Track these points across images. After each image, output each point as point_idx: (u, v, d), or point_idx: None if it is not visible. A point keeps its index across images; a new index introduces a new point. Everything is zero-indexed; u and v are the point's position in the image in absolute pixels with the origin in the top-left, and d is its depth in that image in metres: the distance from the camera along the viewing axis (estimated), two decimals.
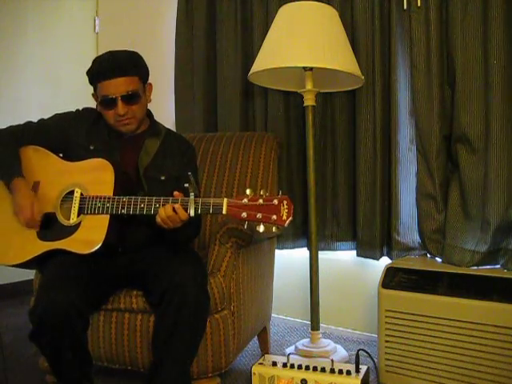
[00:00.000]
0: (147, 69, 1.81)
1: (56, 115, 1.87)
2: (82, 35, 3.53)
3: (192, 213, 1.57)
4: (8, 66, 3.21)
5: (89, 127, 1.82)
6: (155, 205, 1.60)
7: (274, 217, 1.50)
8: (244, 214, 1.52)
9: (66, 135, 1.81)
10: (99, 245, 1.62)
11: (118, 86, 1.69)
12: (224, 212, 1.54)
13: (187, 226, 1.63)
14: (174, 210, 1.57)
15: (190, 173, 1.57)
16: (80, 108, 1.89)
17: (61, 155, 1.81)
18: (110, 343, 1.78)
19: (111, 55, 1.74)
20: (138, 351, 1.76)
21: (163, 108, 2.96)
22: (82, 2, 3.55)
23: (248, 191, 1.54)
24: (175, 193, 1.60)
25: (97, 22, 3.54)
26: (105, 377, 1.94)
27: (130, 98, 1.72)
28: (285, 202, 1.51)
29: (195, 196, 1.57)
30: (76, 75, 3.45)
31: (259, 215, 1.51)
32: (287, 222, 1.51)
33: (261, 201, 1.52)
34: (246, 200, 1.53)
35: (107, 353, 1.79)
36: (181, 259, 1.69)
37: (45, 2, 3.40)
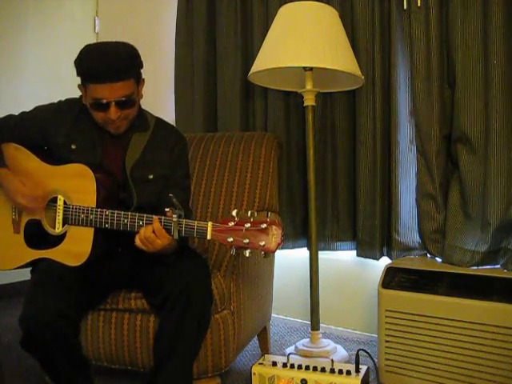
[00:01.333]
0: (142, 65, 1.66)
1: (37, 109, 1.77)
2: (81, 35, 3.52)
3: (176, 236, 1.49)
4: (8, 65, 3.21)
5: (71, 124, 1.70)
6: (138, 222, 1.54)
7: (262, 243, 1.41)
8: (230, 239, 1.43)
9: (45, 133, 1.71)
10: (86, 258, 1.59)
11: (113, 90, 1.55)
12: (208, 237, 1.45)
13: (169, 248, 1.55)
14: (153, 232, 1.50)
15: (171, 194, 1.48)
16: (63, 99, 1.79)
17: (46, 148, 1.74)
18: (110, 343, 1.78)
19: (106, 53, 1.58)
20: (137, 351, 1.76)
21: (163, 108, 2.96)
22: (82, 2, 3.54)
23: (234, 212, 1.44)
24: (155, 220, 1.52)
25: (97, 22, 3.54)
26: (105, 377, 1.94)
27: (125, 103, 1.59)
28: (273, 227, 1.41)
29: (179, 217, 1.49)
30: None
31: (246, 240, 1.41)
32: (276, 248, 1.41)
33: (248, 225, 1.42)
34: (232, 223, 1.43)
35: (107, 353, 1.79)
36: (184, 262, 1.66)
37: (45, 2, 3.40)
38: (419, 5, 2.12)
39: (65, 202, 1.63)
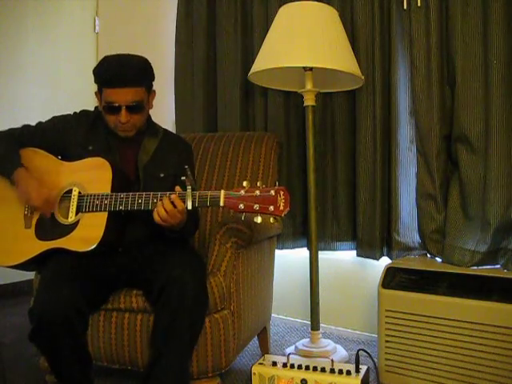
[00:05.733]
0: (154, 77, 1.81)
1: (54, 118, 1.87)
2: (82, 35, 3.53)
3: (189, 205, 1.57)
4: (8, 65, 3.21)
5: (87, 129, 1.82)
6: (153, 200, 1.61)
7: (271, 207, 1.51)
8: (241, 206, 1.52)
9: (64, 136, 1.81)
10: (97, 242, 1.62)
11: (124, 95, 1.69)
12: (221, 204, 1.55)
13: (186, 221, 1.63)
14: (172, 203, 1.57)
15: (186, 166, 1.57)
16: (77, 110, 1.89)
17: (59, 157, 1.81)
18: (110, 343, 1.78)
19: (122, 62, 1.72)
20: (137, 351, 1.76)
21: (163, 108, 2.96)
22: (82, 2, 3.55)
23: (245, 183, 1.55)
24: (176, 187, 1.60)
25: (97, 22, 3.54)
26: (105, 377, 1.94)
27: (134, 108, 1.72)
28: (281, 193, 1.52)
29: (192, 190, 1.57)
30: (76, 75, 3.48)
31: (256, 206, 1.51)
32: (284, 212, 1.51)
33: (258, 192, 1.52)
34: (242, 191, 1.53)
35: (107, 353, 1.79)
36: (179, 255, 1.70)
37: (45, 1, 3.40)
38: (419, 5, 2.12)
39: (79, 193, 1.69)
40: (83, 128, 1.83)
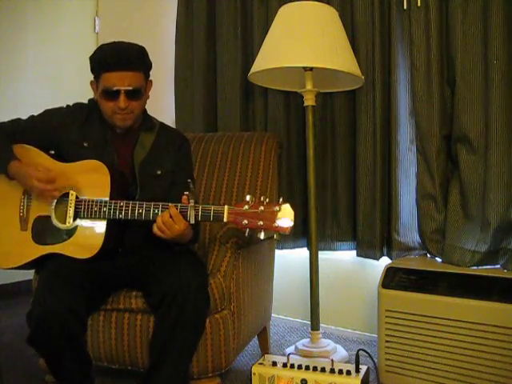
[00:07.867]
0: (151, 66, 1.77)
1: (46, 111, 1.82)
2: (81, 35, 3.52)
3: (192, 220, 1.54)
4: (8, 65, 3.21)
5: (81, 123, 1.77)
6: (154, 210, 1.58)
7: (276, 224, 1.49)
8: (245, 222, 1.51)
9: (57, 131, 1.76)
10: (98, 250, 1.60)
11: (123, 79, 1.64)
12: (225, 220, 1.53)
13: (185, 235, 1.61)
14: (171, 217, 1.54)
15: (189, 180, 1.55)
16: (71, 104, 1.84)
17: (52, 152, 1.76)
18: (110, 343, 1.78)
19: (120, 46, 1.69)
20: (137, 351, 1.76)
21: (163, 108, 2.96)
22: (82, 2, 3.55)
23: (248, 197, 1.52)
24: (184, 197, 1.56)
25: (97, 22, 3.54)
26: (105, 377, 1.94)
27: (134, 94, 1.67)
28: (286, 210, 1.50)
29: (195, 203, 1.54)
30: (76, 75, 3.47)
31: (260, 222, 1.50)
32: (288, 229, 1.50)
33: (262, 208, 1.50)
34: (246, 207, 1.51)
35: (107, 353, 1.79)
36: (181, 261, 1.68)
37: (45, 1, 3.40)
38: (419, 5, 2.12)
39: (77, 197, 1.65)
40: (77, 122, 1.77)
